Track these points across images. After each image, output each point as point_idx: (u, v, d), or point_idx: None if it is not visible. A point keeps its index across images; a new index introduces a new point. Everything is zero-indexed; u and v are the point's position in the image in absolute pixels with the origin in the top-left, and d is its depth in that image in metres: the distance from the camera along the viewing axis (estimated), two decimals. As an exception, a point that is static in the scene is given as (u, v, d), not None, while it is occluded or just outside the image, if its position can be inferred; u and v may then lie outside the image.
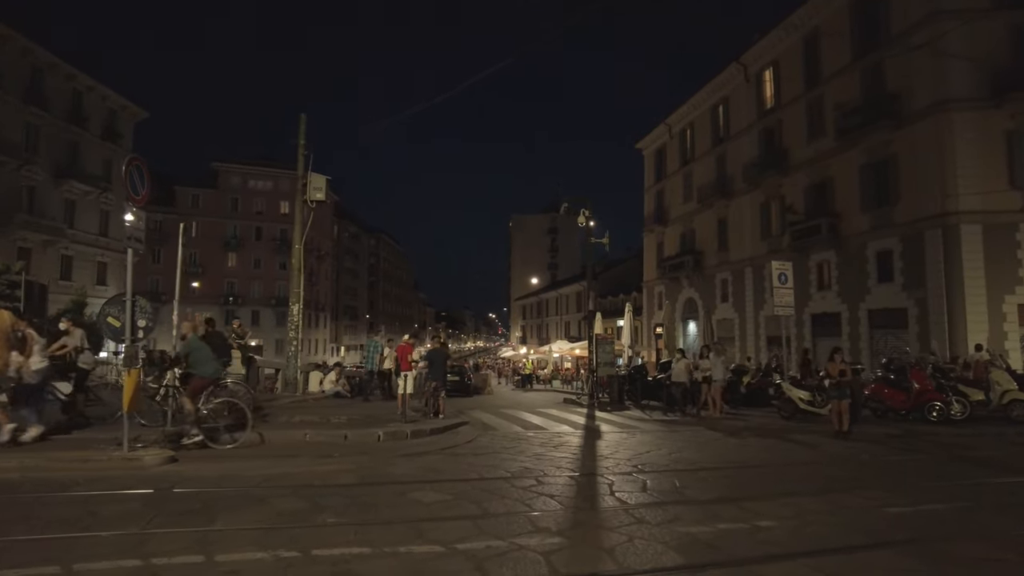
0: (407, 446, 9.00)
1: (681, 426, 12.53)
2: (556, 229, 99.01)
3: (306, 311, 73.21)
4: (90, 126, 40.47)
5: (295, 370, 15.93)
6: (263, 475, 6.58)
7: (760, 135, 31.76)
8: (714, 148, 36.14)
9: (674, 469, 7.50)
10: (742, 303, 33.01)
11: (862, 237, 24.91)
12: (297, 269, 16.60)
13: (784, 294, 14.69)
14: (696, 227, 38.02)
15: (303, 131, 16.75)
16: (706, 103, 37.27)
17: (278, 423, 10.14)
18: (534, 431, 11.47)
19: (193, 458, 7.44)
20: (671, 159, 41.77)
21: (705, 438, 10.72)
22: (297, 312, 16.20)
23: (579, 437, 10.66)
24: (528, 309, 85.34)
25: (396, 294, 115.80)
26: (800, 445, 10.00)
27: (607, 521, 5.04)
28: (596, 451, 8.96)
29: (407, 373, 12.44)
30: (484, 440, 10.06)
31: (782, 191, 29.92)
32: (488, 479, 6.67)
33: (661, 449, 9.28)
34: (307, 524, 4.81)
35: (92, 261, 41.14)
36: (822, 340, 27.58)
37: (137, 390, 6.81)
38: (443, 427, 10.73)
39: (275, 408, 12.59)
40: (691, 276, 37.94)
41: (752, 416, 14.31)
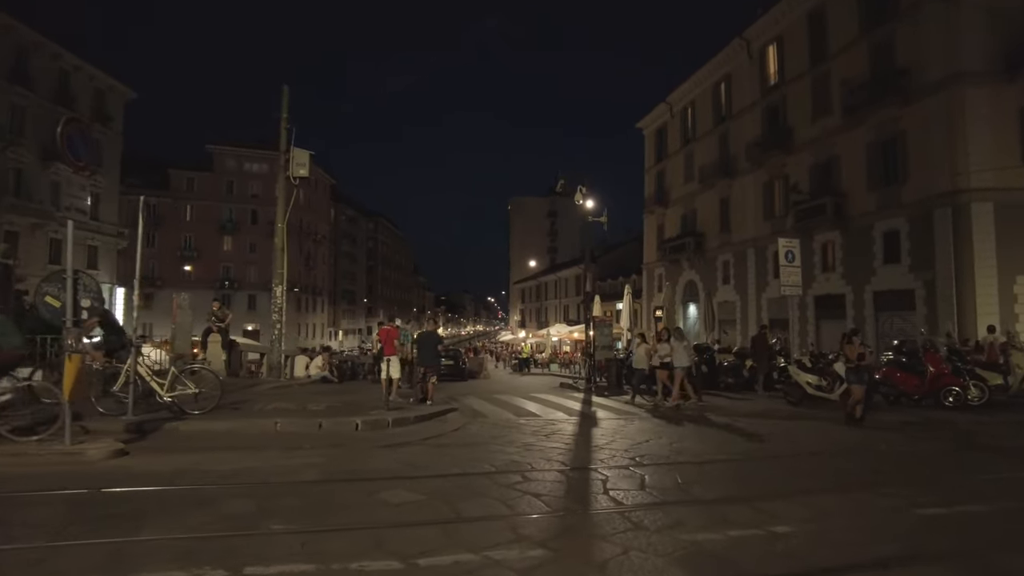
0: (387, 436, 8.32)
1: (681, 412, 11.85)
2: (556, 212, 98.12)
3: (303, 295, 72.77)
4: (78, 107, 39.36)
5: (279, 354, 15.23)
6: (219, 471, 5.90)
7: (764, 113, 30.90)
8: (716, 127, 35.27)
9: (675, 462, 6.83)
10: (744, 285, 32.34)
11: (868, 217, 24.16)
12: (280, 249, 15.87)
13: (791, 273, 13.99)
14: (698, 208, 37.24)
15: (286, 104, 15.96)
16: (708, 81, 36.32)
17: (251, 411, 9.46)
18: (526, 418, 10.81)
19: (147, 451, 6.77)
20: (672, 139, 40.90)
21: (707, 425, 10.05)
22: (280, 294, 15.49)
23: (574, 425, 10.00)
24: (527, 293, 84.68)
25: (395, 278, 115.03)
26: (811, 433, 9.33)
27: (599, 527, 4.37)
28: (591, 441, 8.30)
29: (391, 357, 11.77)
30: (472, 428, 9.39)
31: (786, 170, 29.12)
32: (469, 475, 5.99)
33: (661, 438, 8.62)
34: (249, 532, 4.13)
35: (82, 245, 40.31)
36: (826, 323, 26.99)
37: (81, 376, 6.12)
38: (429, 414, 10.06)
39: (254, 394, 11.92)
40: (692, 258, 37.21)
41: (755, 400, 13.64)
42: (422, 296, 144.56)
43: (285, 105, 15.92)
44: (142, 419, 7.94)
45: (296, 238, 71.10)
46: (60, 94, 37.74)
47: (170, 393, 8.52)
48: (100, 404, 8.24)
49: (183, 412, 8.62)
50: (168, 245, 66.27)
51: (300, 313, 72.45)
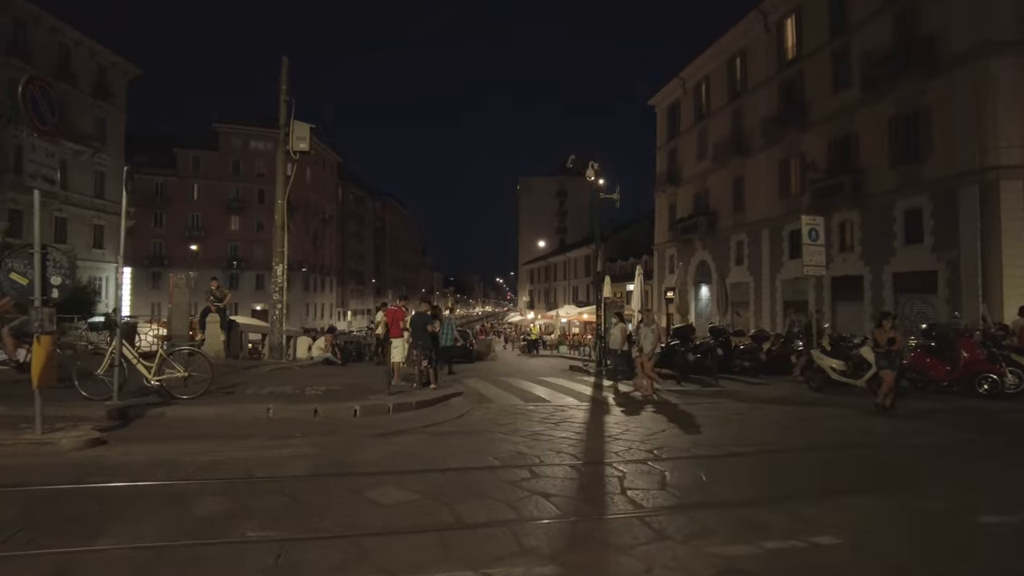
0: (386, 423, 7.81)
1: (697, 398, 11.30)
2: (565, 192, 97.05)
3: (311, 275, 72.54)
4: (80, 83, 38.92)
5: (280, 335, 14.75)
6: (199, 463, 5.41)
7: (780, 88, 29.95)
8: (730, 103, 34.33)
9: (696, 455, 6.28)
10: (758, 266, 31.62)
11: (889, 195, 23.35)
12: (281, 226, 15.31)
13: (814, 252, 13.32)
14: (710, 187, 36.39)
15: (285, 76, 15.29)
16: (723, 55, 35.26)
17: (244, 395, 8.98)
18: (535, 404, 10.29)
19: (126, 439, 6.29)
20: (685, 115, 39.95)
21: (726, 413, 9.48)
22: (281, 273, 14.96)
23: (584, 411, 9.47)
24: (536, 273, 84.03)
25: (403, 259, 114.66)
26: (840, 422, 8.75)
27: (618, 536, 3.83)
28: (604, 430, 7.76)
29: (397, 340, 11.25)
30: (476, 415, 8.88)
31: (802, 147, 28.25)
32: (471, 469, 5.46)
33: (679, 427, 8.07)
34: (219, 539, 3.62)
35: (88, 224, 40.00)
36: (842, 305, 26.31)
37: (50, 360, 5.62)
38: (431, 399, 9.55)
39: (251, 377, 11.46)
40: (705, 238, 36.47)
41: (774, 385, 13.07)
42: (430, 277, 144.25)
43: (284, 76, 15.27)
44: (127, 404, 7.48)
45: (302, 217, 70.68)
46: (61, 69, 37.14)
47: (158, 377, 8.05)
48: (84, 387, 7.78)
49: (171, 397, 8.15)
50: (175, 224, 66.10)
51: (308, 293, 72.30)
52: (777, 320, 29.48)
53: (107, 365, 7.68)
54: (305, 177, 71.25)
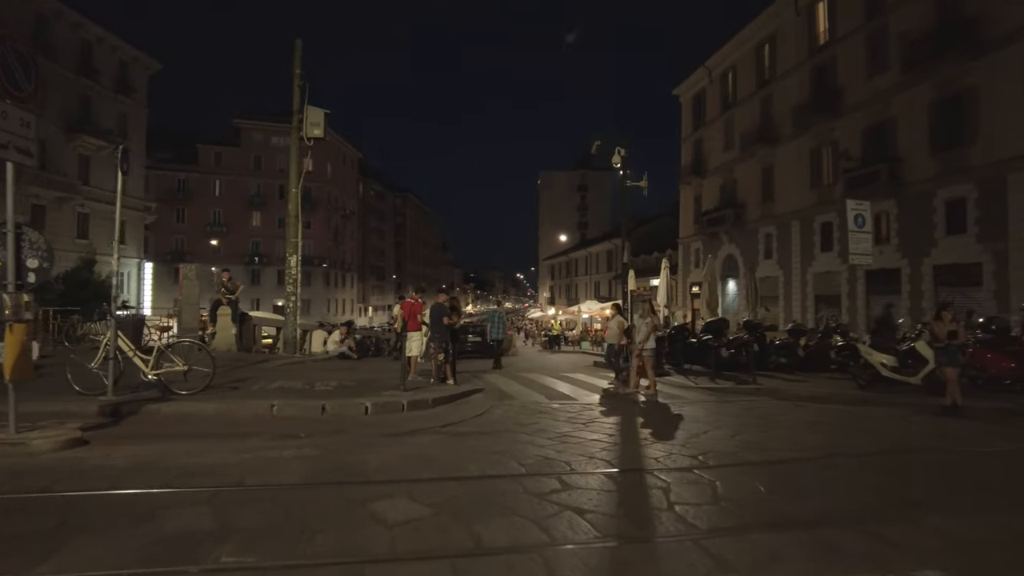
0: (399, 422, 7.18)
1: (734, 396, 10.52)
2: (586, 186, 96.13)
3: (332, 271, 72.48)
4: (101, 79, 38.90)
5: (294, 328, 14.21)
6: (186, 466, 4.81)
7: (811, 74, 28.84)
8: (758, 91, 33.24)
9: (747, 461, 5.52)
10: (787, 259, 30.58)
11: (929, 184, 22.24)
12: (294, 216, 14.75)
13: (861, 239, 12.41)
14: (738, 178, 35.34)
15: (299, 59, 14.70)
16: (750, 42, 34.17)
17: (250, 391, 8.40)
18: (560, 401, 9.60)
19: (112, 438, 5.73)
20: (711, 105, 38.90)
21: (769, 412, 8.69)
22: (295, 264, 14.40)
23: (614, 410, 8.75)
24: (557, 269, 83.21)
25: (423, 254, 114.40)
26: (900, 424, 7.89)
27: (669, 566, 3.13)
28: (638, 431, 7.04)
29: (413, 333, 10.63)
30: (497, 413, 8.20)
31: (835, 135, 27.16)
32: (492, 478, 4.77)
33: (719, 428, 7.31)
34: (184, 565, 2.99)
35: (110, 219, 39.63)
36: (877, 299, 25.19)
37: (24, 352, 5.05)
38: (449, 396, 8.90)
39: (261, 371, 10.91)
40: (731, 231, 35.44)
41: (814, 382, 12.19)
42: (450, 272, 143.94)
43: (298, 60, 14.68)
44: (121, 400, 6.94)
45: (324, 213, 70.72)
46: (83, 65, 37.17)
47: (155, 371, 7.51)
48: (78, 382, 7.26)
49: (170, 391, 7.60)
50: (197, 220, 66.42)
51: (329, 289, 72.30)
52: (808, 315, 28.47)
53: (101, 358, 7.15)
54: (326, 172, 71.27)
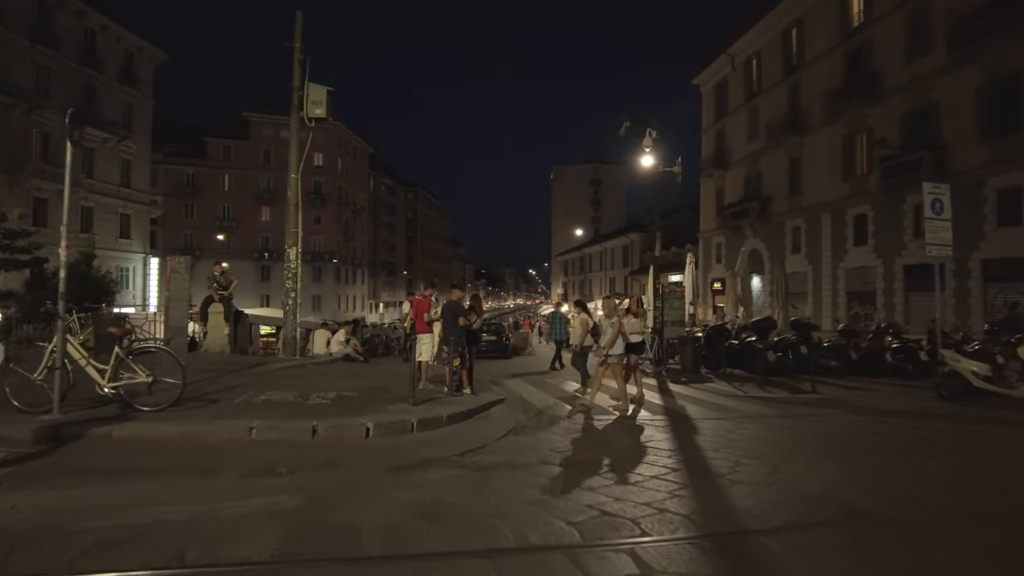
0: (407, 447, 5.79)
1: (795, 408, 9.05)
2: (599, 180, 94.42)
3: (343, 266, 71.47)
4: (106, 69, 37.86)
5: (293, 328, 12.86)
6: (110, 528, 3.45)
7: (844, 59, 27.16)
8: (785, 78, 31.57)
9: (871, 513, 4.04)
10: (817, 254, 28.98)
11: (978, 172, 20.62)
12: (294, 204, 13.42)
13: (939, 228, 10.94)
14: (763, 169, 33.70)
15: (299, 32, 13.34)
16: (776, 27, 32.48)
17: (230, 405, 7.05)
18: (596, 417, 8.18)
19: (34, 477, 4.41)
20: (734, 94, 37.23)
21: (848, 431, 7.26)
22: (294, 257, 13.07)
23: (663, 429, 7.32)
24: (570, 265, 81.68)
25: (434, 250, 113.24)
26: None
27: None
28: (704, 462, 5.60)
29: (423, 335, 9.28)
30: (525, 434, 6.80)
31: (871, 122, 25.50)
32: (535, 550, 3.33)
33: (802, 456, 5.88)
34: None
35: (114, 213, 39.05)
36: (916, 295, 23.62)
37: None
38: (467, 412, 7.46)
39: (251, 378, 9.59)
40: (756, 224, 33.80)
41: (882, 391, 10.71)
42: (461, 268, 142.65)
43: (298, 33, 13.32)
44: (64, 420, 5.62)
45: (334, 207, 69.71)
46: (86, 55, 36.15)
47: (113, 383, 6.20)
48: (18, 397, 5.96)
49: (132, 408, 6.29)
50: (206, 215, 65.67)
51: (340, 284, 71.33)
52: (840, 313, 26.90)
53: (44, 368, 5.85)
54: (336, 167, 70.28)
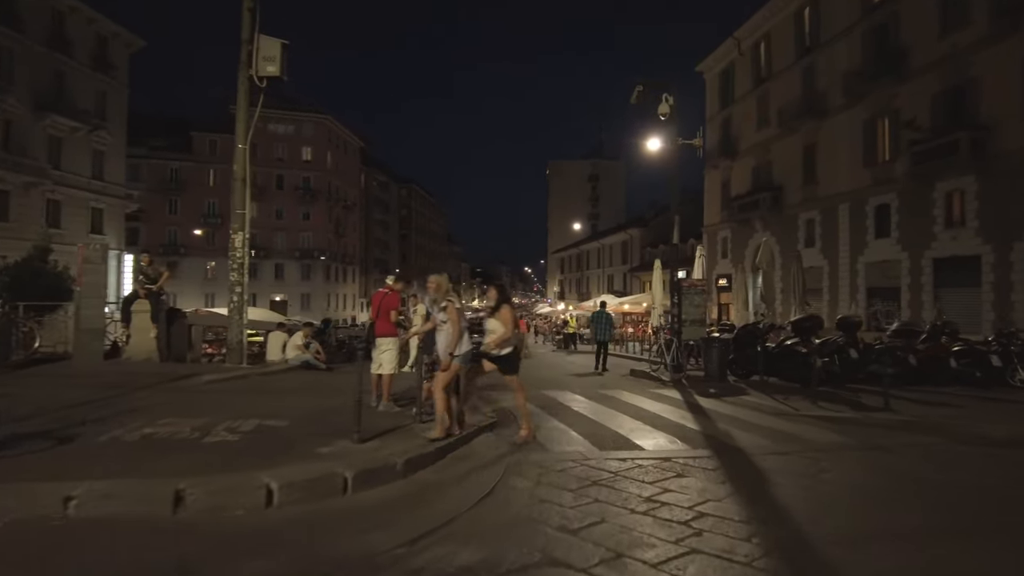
0: (328, 526, 3.56)
1: (875, 432, 6.85)
2: (597, 176, 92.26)
3: (333, 264, 69.20)
4: (76, 53, 35.41)
5: (239, 331, 10.61)
6: None
7: (866, 36, 25.01)
8: (799, 60, 29.45)
9: None
10: (833, 248, 26.87)
11: (1022, 154, 18.50)
12: (240, 179, 11.20)
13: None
14: (774, 158, 31.57)
15: (249, -27, 11.13)
16: (788, 7, 30.35)
17: (91, 444, 4.82)
18: (618, 452, 5.88)
19: None
20: (741, 80, 35.11)
21: (973, 473, 5.15)
22: (241, 244, 10.83)
23: (715, 475, 5.08)
24: (567, 262, 79.52)
25: (429, 248, 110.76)
26: None
27: None
28: (808, 544, 3.45)
29: (384, 340, 7.07)
30: (520, 493, 4.51)
31: (897, 103, 23.36)
32: None
33: (953, 528, 3.74)
34: None
35: (84, 207, 36.64)
36: (949, 292, 21.55)
37: None
38: (436, 450, 5.27)
39: (167, 395, 7.37)
40: (766, 217, 31.61)
41: (969, 406, 8.51)
42: (457, 266, 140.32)
43: (248, -27, 11.12)
44: None
45: (324, 203, 67.44)
46: (54, 38, 33.69)
47: None
48: None
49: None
50: (191, 210, 63.36)
51: (330, 283, 69.11)
52: (859, 310, 24.83)
53: None
54: (326, 161, 68.08)
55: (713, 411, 8.48)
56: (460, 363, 6.14)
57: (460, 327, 6.07)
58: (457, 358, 6.09)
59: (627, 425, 7.33)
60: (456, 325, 6.04)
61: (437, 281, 6.32)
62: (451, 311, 6.08)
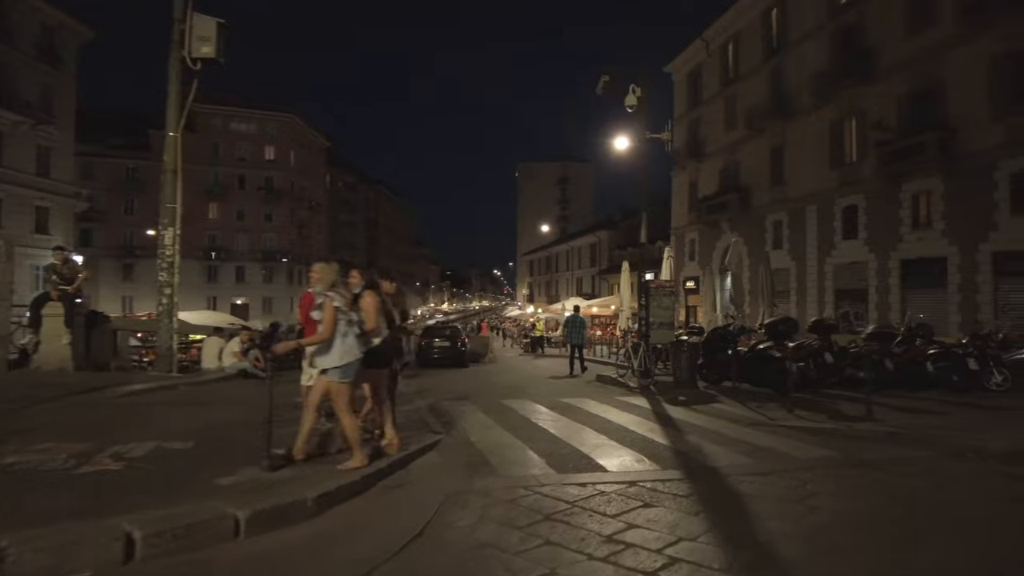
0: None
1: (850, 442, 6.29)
2: (567, 178, 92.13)
3: (296, 266, 67.46)
4: (20, 43, 33.57)
5: (168, 335, 9.62)
6: None
7: (834, 37, 24.90)
8: (767, 61, 29.30)
9: None
10: (801, 249, 26.71)
11: (989, 155, 18.44)
12: (171, 170, 10.20)
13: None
14: (741, 159, 31.41)
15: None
16: (756, 7, 30.21)
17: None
18: (578, 476, 5.12)
19: None
20: (709, 81, 34.92)
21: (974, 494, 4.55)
22: (171, 241, 9.86)
23: (690, 505, 4.36)
24: (536, 264, 79.01)
25: (398, 250, 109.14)
26: None
27: None
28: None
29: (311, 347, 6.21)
30: (456, 532, 3.76)
31: (864, 104, 23.24)
32: None
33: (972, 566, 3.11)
34: None
35: (28, 205, 34.77)
36: (916, 293, 21.42)
37: None
38: (361, 479, 4.40)
39: (72, 408, 6.42)
40: (734, 218, 31.42)
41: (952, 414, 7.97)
42: (426, 269, 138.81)
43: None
44: None
45: (288, 204, 65.77)
46: (-7, 25, 31.95)
47: None
48: None
49: None
50: (149, 211, 60.57)
51: (293, 286, 67.34)
52: (827, 312, 24.67)
53: None
54: (289, 160, 66.44)
55: (683, 422, 7.79)
56: (336, 380, 4.81)
57: (332, 331, 4.78)
58: (334, 371, 4.79)
59: (590, 441, 6.59)
60: (329, 327, 4.77)
61: (321, 270, 5.10)
62: (328, 309, 4.82)
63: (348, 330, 4.91)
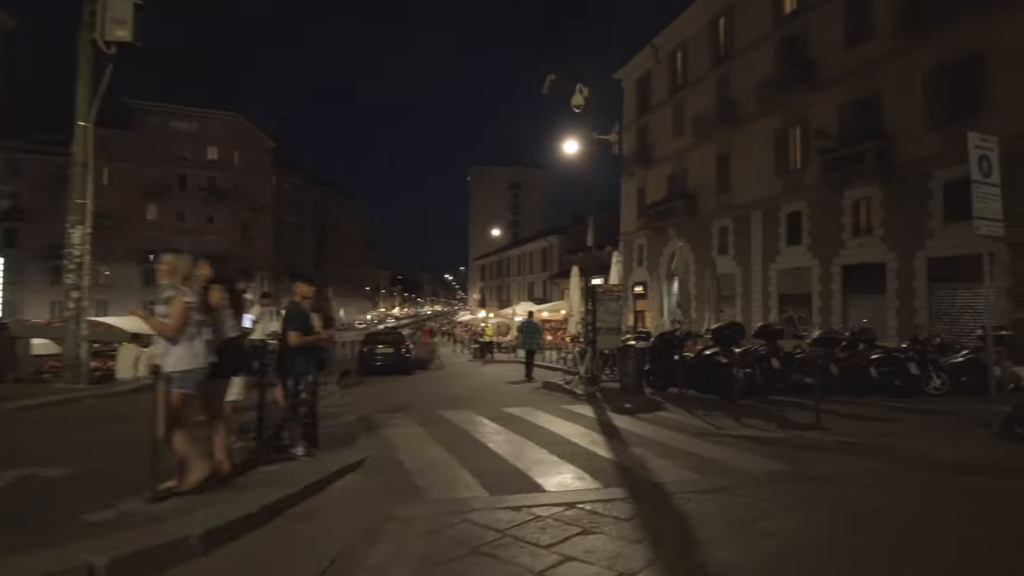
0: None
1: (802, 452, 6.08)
2: (519, 183, 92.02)
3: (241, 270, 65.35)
4: (-70, 30, 31.30)
5: (76, 342, 8.76)
6: None
7: (778, 46, 25.26)
8: (714, 69, 29.59)
9: None
10: (747, 254, 27.00)
11: (924, 164, 18.83)
12: (82, 164, 9.36)
13: (987, 196, 8.17)
14: (689, 166, 31.65)
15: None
16: (705, 16, 30.50)
17: None
18: (515, 494, 4.81)
19: None
20: (657, 88, 35.14)
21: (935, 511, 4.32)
22: (80, 240, 9.03)
23: (634, 531, 3.93)
24: (488, 269, 78.56)
25: (348, 254, 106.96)
26: None
27: None
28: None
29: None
30: (365, 573, 3.34)
31: (808, 112, 23.61)
32: None
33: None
34: None
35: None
36: (857, 298, 21.85)
37: None
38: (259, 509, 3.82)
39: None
40: (681, 224, 31.65)
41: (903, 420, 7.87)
42: (378, 273, 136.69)
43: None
44: None
45: (231, 204, 63.68)
46: None
47: None
48: None
49: None
50: (81, 211, 58.13)
51: (236, 290, 65.23)
52: (771, 317, 24.99)
53: None
54: (233, 160, 64.32)
55: (629, 432, 7.45)
56: (175, 388, 4.16)
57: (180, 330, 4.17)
58: (175, 380, 4.15)
59: (530, 456, 6.16)
60: (177, 325, 4.14)
61: (171, 262, 4.51)
62: (177, 304, 4.20)
63: (197, 333, 4.30)
